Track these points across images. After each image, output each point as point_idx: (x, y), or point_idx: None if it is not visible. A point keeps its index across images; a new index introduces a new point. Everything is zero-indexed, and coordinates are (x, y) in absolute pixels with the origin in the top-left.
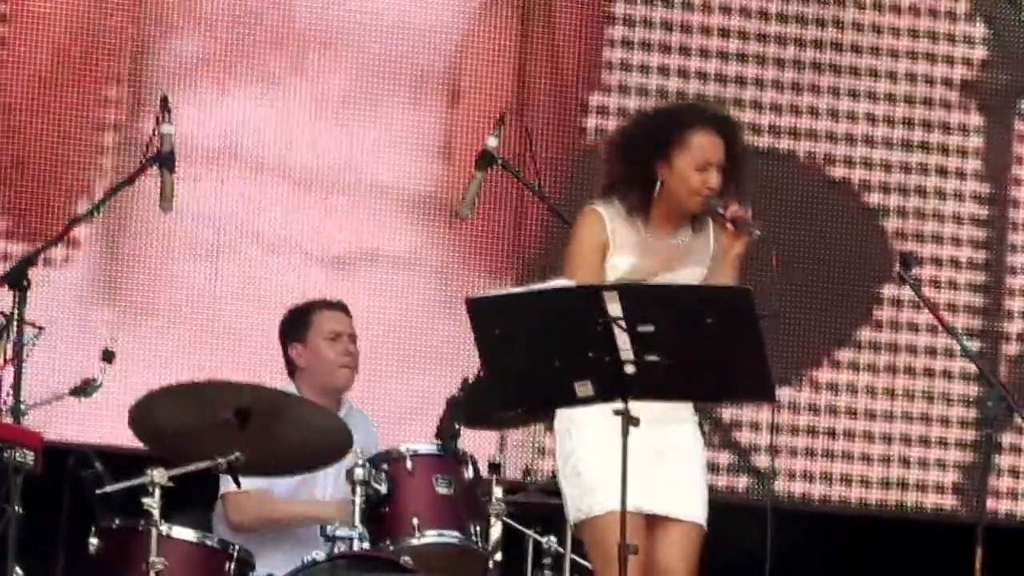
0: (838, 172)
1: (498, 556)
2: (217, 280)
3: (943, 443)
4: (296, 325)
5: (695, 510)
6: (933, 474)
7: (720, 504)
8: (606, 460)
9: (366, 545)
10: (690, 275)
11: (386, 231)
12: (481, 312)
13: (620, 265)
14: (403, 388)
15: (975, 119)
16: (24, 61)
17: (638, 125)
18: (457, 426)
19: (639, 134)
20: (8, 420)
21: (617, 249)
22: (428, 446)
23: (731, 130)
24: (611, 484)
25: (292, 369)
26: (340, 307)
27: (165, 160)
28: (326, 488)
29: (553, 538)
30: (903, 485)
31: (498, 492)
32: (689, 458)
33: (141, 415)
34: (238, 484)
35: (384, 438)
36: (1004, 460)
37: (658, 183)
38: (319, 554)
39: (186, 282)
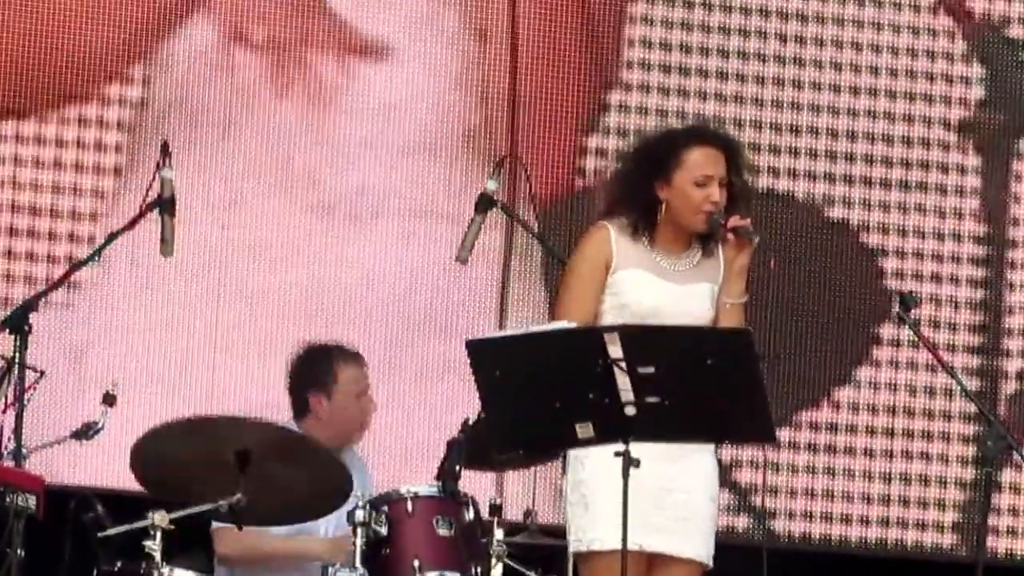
0: (836, 213)
1: None
2: (218, 324)
3: (942, 482)
4: (322, 375)
5: (698, 548)
6: (932, 513)
7: (720, 544)
8: (616, 495)
9: None
10: (699, 291)
11: (387, 268)
12: (481, 354)
13: (628, 278)
14: (404, 429)
15: (972, 159)
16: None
17: (636, 148)
18: (458, 468)
19: (638, 156)
20: (9, 464)
21: (623, 264)
22: (428, 488)
23: (731, 144)
24: (619, 522)
25: (303, 412)
26: (362, 361)
27: (166, 205)
28: (328, 531)
29: None
30: (903, 524)
31: (499, 533)
32: (698, 493)
33: (143, 453)
34: (240, 527)
35: (385, 480)
36: (1003, 499)
37: (662, 204)
38: None
39: (187, 326)
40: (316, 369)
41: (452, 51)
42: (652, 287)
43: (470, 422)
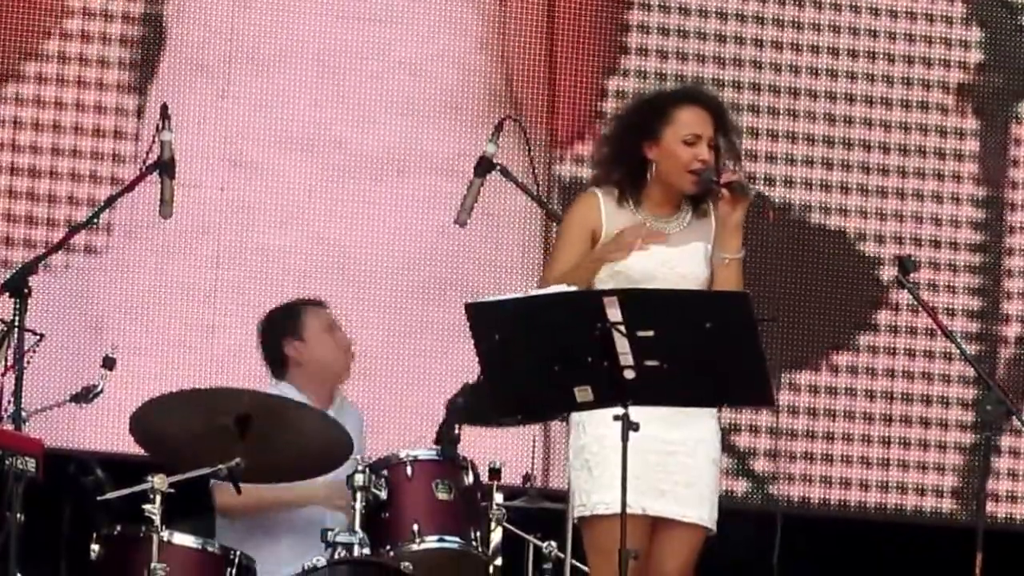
0: (835, 176)
1: (498, 561)
2: (217, 286)
3: (941, 446)
4: (288, 322)
5: (701, 512)
6: (932, 477)
7: (720, 509)
8: (619, 459)
9: (366, 551)
10: (692, 251)
11: (389, 229)
12: (480, 317)
13: None
14: (403, 393)
15: (971, 123)
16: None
17: (627, 110)
18: (457, 431)
19: (628, 118)
20: (9, 427)
21: (612, 230)
22: (428, 452)
23: (718, 106)
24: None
25: (283, 366)
26: (325, 305)
27: (165, 167)
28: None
29: (553, 543)
30: (902, 488)
31: (498, 497)
32: (702, 457)
33: (142, 422)
34: (239, 491)
35: (384, 444)
36: (1003, 463)
37: (652, 165)
38: (320, 560)
39: (186, 288)
40: (283, 320)
41: (457, 7)
42: (643, 250)
43: (470, 386)
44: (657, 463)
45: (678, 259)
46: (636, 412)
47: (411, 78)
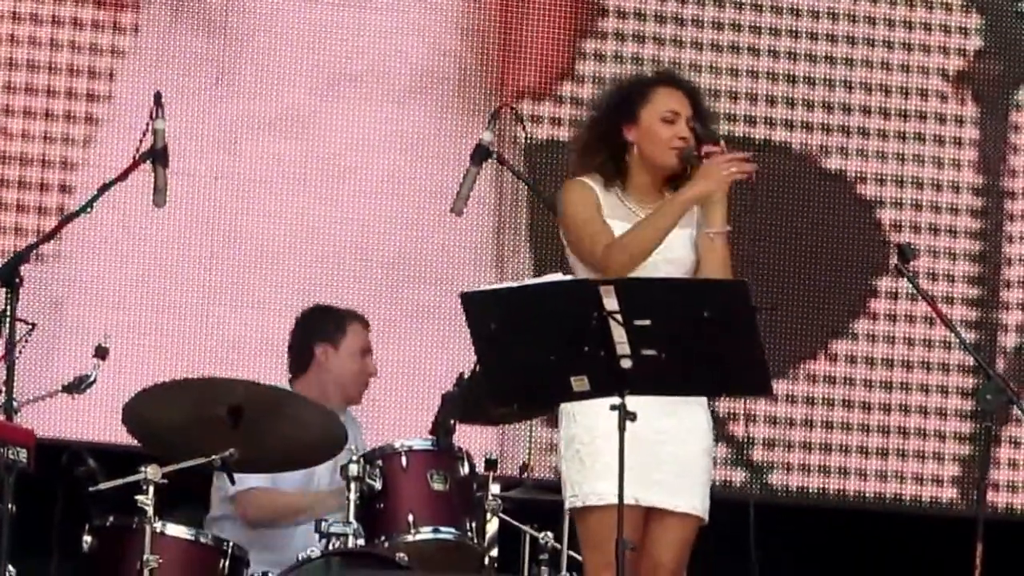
0: (833, 164)
1: (494, 552)
2: (211, 275)
3: (940, 436)
4: (331, 327)
5: (694, 502)
6: (931, 467)
7: (715, 498)
8: (610, 449)
9: (361, 541)
10: (678, 236)
11: (383, 217)
12: (476, 307)
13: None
14: (399, 383)
15: (970, 110)
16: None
17: (604, 94)
18: (452, 422)
19: (605, 102)
20: (0, 417)
21: (606, 217)
22: (423, 442)
23: (694, 90)
24: (613, 476)
25: (305, 365)
26: (367, 323)
27: (158, 156)
28: (322, 483)
29: (550, 534)
30: (900, 478)
31: (494, 488)
32: (693, 446)
33: (135, 412)
34: (232, 481)
35: (379, 434)
36: (1003, 453)
37: (632, 147)
38: (314, 551)
39: (180, 277)
40: (326, 321)
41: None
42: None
43: (465, 376)
44: (648, 452)
45: (665, 245)
46: (628, 402)
47: (403, 65)
